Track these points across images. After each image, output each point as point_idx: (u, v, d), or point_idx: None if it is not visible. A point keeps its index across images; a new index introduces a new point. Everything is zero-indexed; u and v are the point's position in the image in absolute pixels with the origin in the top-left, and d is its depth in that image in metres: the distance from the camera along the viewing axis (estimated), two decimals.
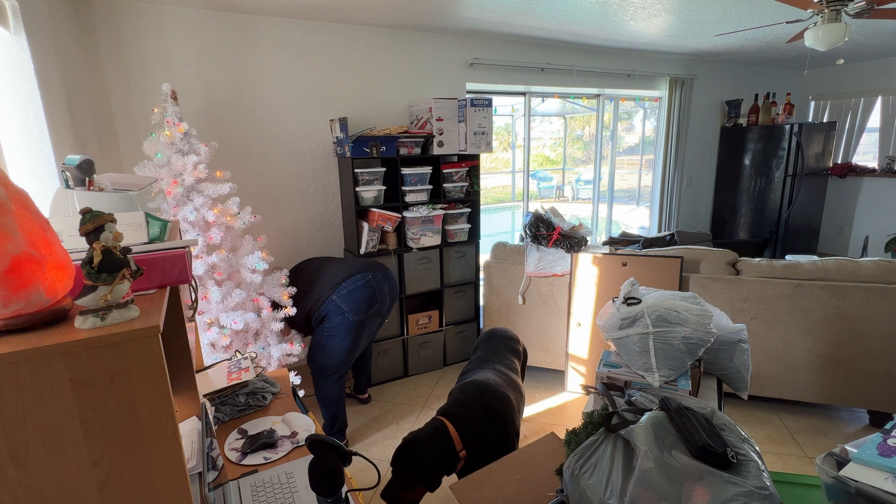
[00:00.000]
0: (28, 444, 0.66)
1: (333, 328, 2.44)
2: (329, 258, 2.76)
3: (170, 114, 2.25)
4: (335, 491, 1.03)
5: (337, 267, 2.58)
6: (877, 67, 5.14)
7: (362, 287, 2.46)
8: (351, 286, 2.45)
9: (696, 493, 0.98)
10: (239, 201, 2.41)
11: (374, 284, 2.49)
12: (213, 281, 2.35)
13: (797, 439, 2.56)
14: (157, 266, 0.90)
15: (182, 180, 2.27)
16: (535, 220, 3.11)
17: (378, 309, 2.53)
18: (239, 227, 2.39)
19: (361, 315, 2.45)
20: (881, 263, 2.51)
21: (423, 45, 3.42)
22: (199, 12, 2.70)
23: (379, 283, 2.52)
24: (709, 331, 1.59)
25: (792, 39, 3.11)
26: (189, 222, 2.29)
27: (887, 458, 0.97)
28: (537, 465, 1.56)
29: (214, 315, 2.33)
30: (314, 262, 2.73)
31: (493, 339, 2.25)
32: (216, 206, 2.33)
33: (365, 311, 2.46)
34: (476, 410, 1.73)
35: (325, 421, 2.56)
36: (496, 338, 2.25)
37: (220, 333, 2.33)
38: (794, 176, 4.85)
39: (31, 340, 0.66)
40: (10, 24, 1.70)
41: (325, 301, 2.45)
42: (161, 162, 2.28)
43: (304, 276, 2.62)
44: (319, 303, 2.46)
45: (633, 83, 4.50)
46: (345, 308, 2.42)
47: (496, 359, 2.07)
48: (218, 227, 2.34)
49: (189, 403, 1.26)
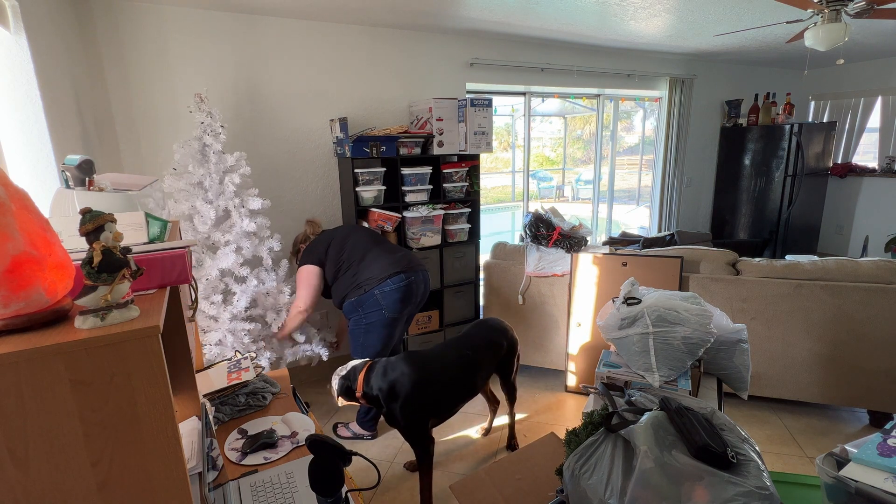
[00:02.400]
0: (28, 444, 0.66)
1: (371, 324, 2.45)
2: (373, 236, 2.65)
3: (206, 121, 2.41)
4: (335, 491, 1.03)
5: (385, 256, 2.50)
6: (877, 67, 5.14)
7: (404, 287, 2.43)
8: (394, 284, 2.42)
9: (696, 493, 0.98)
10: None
11: (414, 287, 2.48)
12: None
13: (797, 439, 2.56)
14: (157, 266, 0.90)
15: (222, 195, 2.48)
16: (535, 220, 3.11)
17: (411, 309, 2.56)
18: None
19: (396, 314, 2.46)
20: (881, 263, 2.51)
21: (423, 45, 3.42)
22: (200, 12, 2.70)
23: (418, 285, 2.50)
24: (709, 331, 1.60)
25: (792, 39, 3.11)
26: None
27: (887, 458, 0.97)
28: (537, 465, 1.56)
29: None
30: (359, 238, 2.59)
31: (478, 326, 2.38)
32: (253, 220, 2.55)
33: (400, 311, 2.47)
34: (389, 376, 1.99)
35: (360, 408, 2.61)
36: (479, 326, 2.37)
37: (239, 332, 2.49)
38: (794, 176, 4.85)
39: (30, 340, 0.66)
40: (10, 24, 1.70)
41: (366, 292, 2.42)
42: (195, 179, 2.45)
43: (348, 249, 2.54)
44: (360, 290, 2.44)
45: (633, 83, 4.50)
46: (383, 305, 2.42)
47: (459, 344, 2.23)
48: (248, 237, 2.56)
49: (189, 403, 1.26)
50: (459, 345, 2.22)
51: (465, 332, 2.34)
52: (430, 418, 2.04)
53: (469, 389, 2.16)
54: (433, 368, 2.05)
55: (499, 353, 2.31)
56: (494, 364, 2.32)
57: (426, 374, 2.00)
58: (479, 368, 2.20)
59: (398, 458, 2.51)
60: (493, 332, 2.33)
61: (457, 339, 2.29)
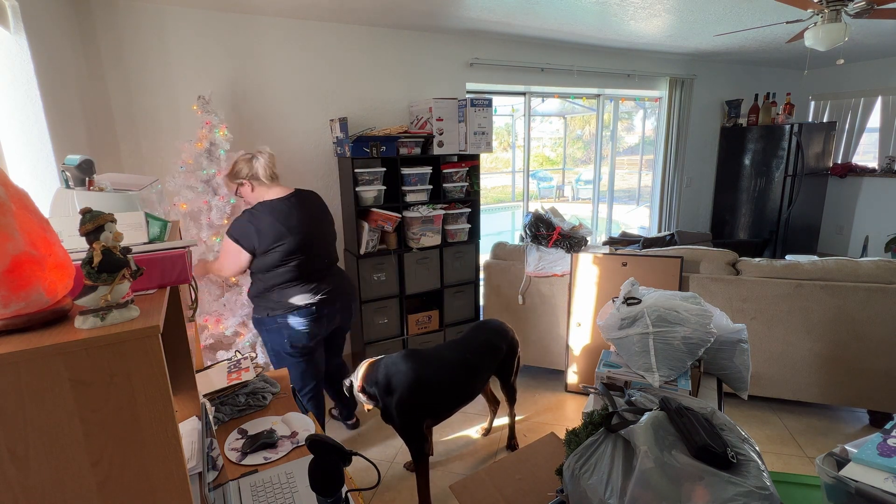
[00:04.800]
0: (28, 444, 0.66)
1: (279, 355, 2.24)
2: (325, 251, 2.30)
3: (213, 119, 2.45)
4: (335, 491, 1.03)
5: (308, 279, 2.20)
6: (877, 67, 5.13)
7: (311, 321, 2.20)
8: (301, 318, 2.18)
9: (696, 493, 0.98)
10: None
11: (321, 321, 2.24)
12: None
13: (797, 439, 2.56)
14: (157, 266, 0.90)
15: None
16: (535, 220, 3.11)
17: (319, 340, 2.30)
18: None
19: (303, 347, 2.22)
20: (881, 263, 2.51)
21: (423, 45, 3.42)
22: (200, 12, 2.70)
23: (330, 317, 2.27)
24: (709, 331, 1.59)
25: (792, 39, 3.11)
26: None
27: (887, 458, 0.97)
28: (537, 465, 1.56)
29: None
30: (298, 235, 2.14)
31: (478, 328, 2.36)
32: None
33: (305, 345, 2.23)
34: (388, 372, 2.01)
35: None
36: (479, 329, 2.36)
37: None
38: (794, 176, 4.85)
39: (30, 340, 0.66)
40: (10, 24, 1.70)
41: (269, 316, 2.20)
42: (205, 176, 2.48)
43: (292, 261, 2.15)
44: (267, 307, 2.19)
45: (633, 83, 4.50)
46: (285, 334, 2.19)
47: (459, 346, 2.23)
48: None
49: (189, 403, 1.26)
50: (459, 347, 2.22)
51: (465, 335, 2.33)
52: (426, 418, 2.05)
53: (467, 392, 2.16)
54: (431, 369, 2.05)
55: (498, 356, 2.31)
56: (494, 367, 2.31)
57: (423, 374, 2.01)
58: (478, 371, 2.20)
59: (398, 458, 2.51)
60: (493, 335, 2.32)
61: (457, 340, 2.29)
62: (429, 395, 2.02)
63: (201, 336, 2.59)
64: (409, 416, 1.98)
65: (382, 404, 2.00)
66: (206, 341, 2.62)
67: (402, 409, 1.97)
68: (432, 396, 2.03)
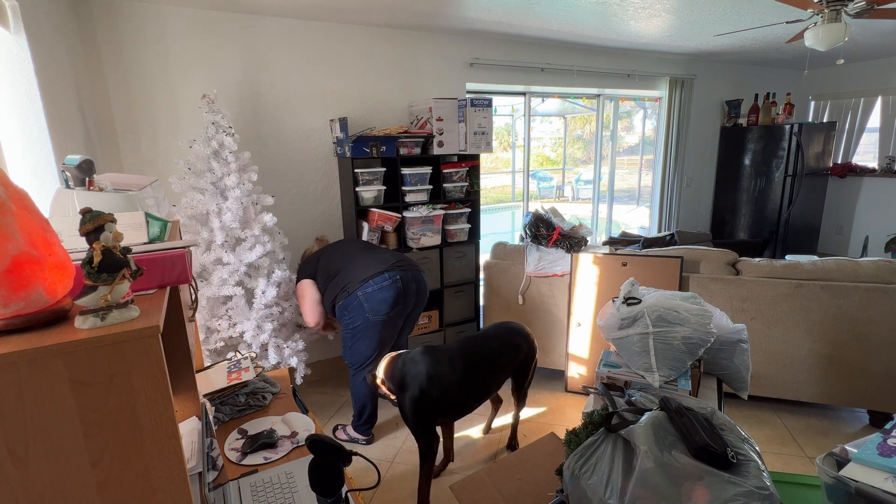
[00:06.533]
0: (28, 444, 0.66)
1: (356, 329, 2.42)
2: (364, 244, 2.71)
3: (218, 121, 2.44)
4: (335, 491, 1.03)
5: (370, 258, 2.49)
6: (877, 67, 5.13)
7: (388, 287, 2.37)
8: (377, 285, 2.37)
9: (696, 493, 0.98)
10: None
11: (401, 286, 2.41)
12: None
13: (797, 439, 2.56)
14: (157, 266, 0.90)
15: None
16: (535, 220, 3.11)
17: (400, 310, 2.46)
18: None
19: (382, 317, 2.40)
20: (881, 263, 2.51)
21: (423, 45, 3.42)
22: (200, 12, 2.70)
23: (407, 284, 2.43)
24: (709, 331, 1.59)
25: (792, 39, 3.11)
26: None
27: (887, 458, 0.97)
28: (537, 465, 1.56)
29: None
30: (348, 246, 2.66)
31: (497, 327, 2.36)
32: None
33: (386, 313, 2.40)
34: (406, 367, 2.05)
35: (354, 411, 2.60)
36: (500, 328, 2.36)
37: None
38: (794, 176, 4.85)
39: (30, 340, 0.66)
40: (10, 24, 1.70)
41: (350, 294, 2.39)
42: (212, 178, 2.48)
43: (336, 256, 2.57)
44: (345, 294, 2.41)
45: (633, 83, 4.50)
46: (367, 308, 2.38)
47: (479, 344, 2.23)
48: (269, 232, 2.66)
49: (189, 403, 1.26)
50: (479, 344, 2.20)
51: (484, 332, 2.30)
52: (438, 416, 2.03)
53: (482, 392, 2.14)
54: (446, 366, 2.04)
55: (517, 357, 2.29)
56: (511, 368, 2.30)
57: (437, 371, 2.00)
58: (496, 371, 2.19)
59: (398, 459, 2.51)
60: (514, 335, 2.30)
61: (476, 337, 2.26)
62: (441, 392, 1.99)
63: (211, 339, 2.59)
64: (419, 411, 1.98)
65: (398, 399, 2.02)
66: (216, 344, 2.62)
67: (413, 404, 1.97)
68: (446, 392, 2.01)
